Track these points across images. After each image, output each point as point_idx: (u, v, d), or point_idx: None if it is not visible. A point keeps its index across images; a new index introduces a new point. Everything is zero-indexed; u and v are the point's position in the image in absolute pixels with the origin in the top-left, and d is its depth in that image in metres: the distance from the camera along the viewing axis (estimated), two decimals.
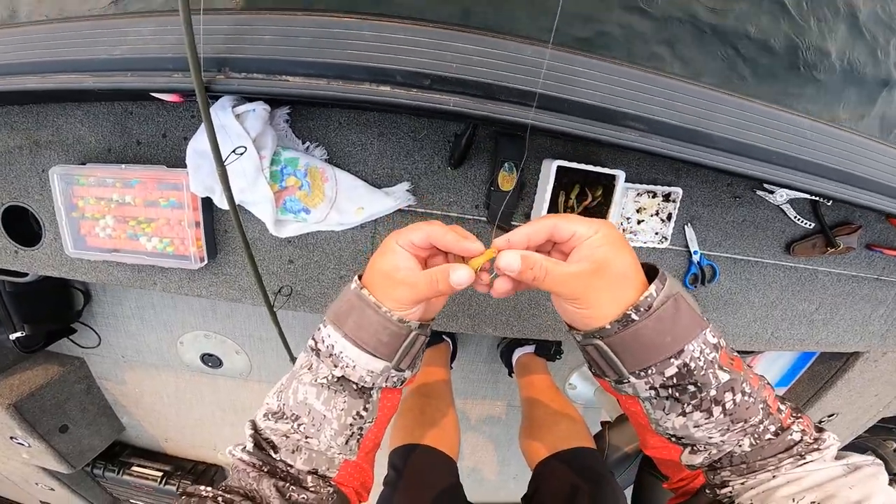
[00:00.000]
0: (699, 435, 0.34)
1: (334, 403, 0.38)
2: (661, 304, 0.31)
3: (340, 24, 0.38)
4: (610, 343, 0.33)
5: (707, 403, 0.32)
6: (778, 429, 0.34)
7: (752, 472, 0.33)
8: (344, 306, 0.37)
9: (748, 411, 0.33)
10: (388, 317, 0.36)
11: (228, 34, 0.40)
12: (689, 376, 0.31)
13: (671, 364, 0.31)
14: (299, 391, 0.38)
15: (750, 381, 0.33)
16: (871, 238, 0.82)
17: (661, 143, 0.42)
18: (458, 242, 0.36)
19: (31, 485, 1.60)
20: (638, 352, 0.32)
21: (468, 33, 0.38)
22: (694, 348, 0.31)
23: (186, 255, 0.72)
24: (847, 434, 1.30)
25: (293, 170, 0.65)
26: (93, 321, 1.37)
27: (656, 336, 0.31)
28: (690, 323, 0.32)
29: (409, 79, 0.38)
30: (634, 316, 0.31)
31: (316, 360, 0.38)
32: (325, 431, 0.38)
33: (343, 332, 0.36)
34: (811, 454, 0.33)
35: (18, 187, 0.75)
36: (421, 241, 0.37)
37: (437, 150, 0.66)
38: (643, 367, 0.32)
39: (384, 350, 0.36)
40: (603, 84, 0.40)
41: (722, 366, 0.32)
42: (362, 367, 0.37)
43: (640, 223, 0.71)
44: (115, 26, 0.42)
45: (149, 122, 0.67)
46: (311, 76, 0.39)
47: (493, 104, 0.39)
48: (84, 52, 0.42)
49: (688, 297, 0.33)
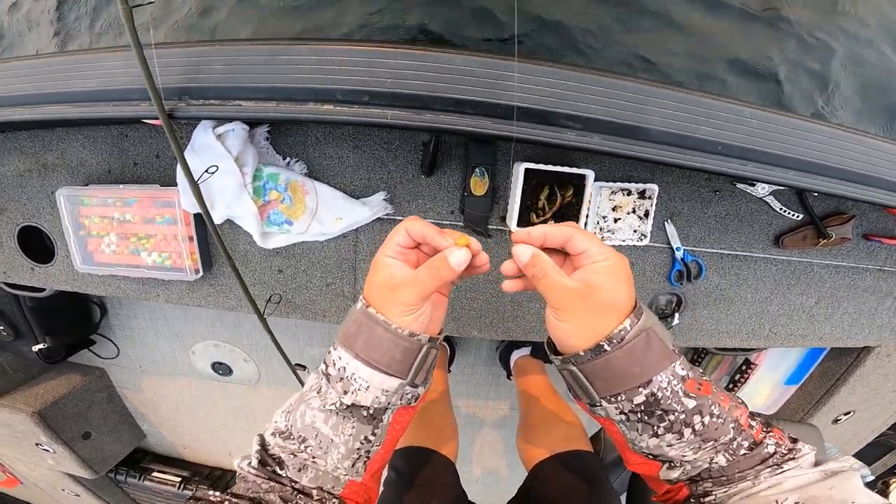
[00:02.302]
0: (673, 454, 0.36)
1: (342, 429, 0.38)
2: (634, 338, 0.33)
3: (284, 51, 0.40)
4: (583, 369, 0.35)
5: (678, 426, 0.34)
6: (751, 444, 0.35)
7: (732, 482, 0.35)
8: (352, 327, 0.37)
9: (717, 431, 0.35)
10: (398, 333, 0.36)
11: (184, 65, 0.43)
12: (656, 404, 0.34)
13: (640, 392, 0.34)
14: (307, 414, 0.38)
15: (719, 403, 0.35)
16: (868, 227, 0.79)
17: (598, 141, 0.43)
18: (434, 236, 0.38)
19: (58, 491, 1.69)
20: (609, 379, 0.34)
21: (397, 49, 0.40)
22: (662, 379, 0.33)
23: (182, 268, 0.76)
24: (868, 432, 1.24)
25: (275, 184, 0.69)
26: (111, 333, 1.44)
27: (626, 367, 0.34)
28: (660, 356, 0.34)
29: (349, 96, 0.41)
30: (606, 346, 0.34)
31: (326, 384, 0.38)
32: (332, 454, 0.38)
33: (354, 352, 0.36)
34: (787, 463, 0.34)
35: (31, 208, 0.81)
36: (404, 240, 0.38)
37: (410, 159, 0.68)
38: (613, 394, 0.35)
39: (397, 367, 0.37)
40: (532, 86, 0.41)
41: (688, 393, 0.34)
42: (376, 386, 0.36)
43: (617, 221, 0.71)
44: (89, 61, 0.46)
45: (143, 143, 0.72)
46: (260, 100, 0.42)
47: (431, 114, 0.41)
48: (63, 85, 0.46)
49: (661, 331, 0.35)
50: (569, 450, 0.88)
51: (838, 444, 1.23)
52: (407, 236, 0.38)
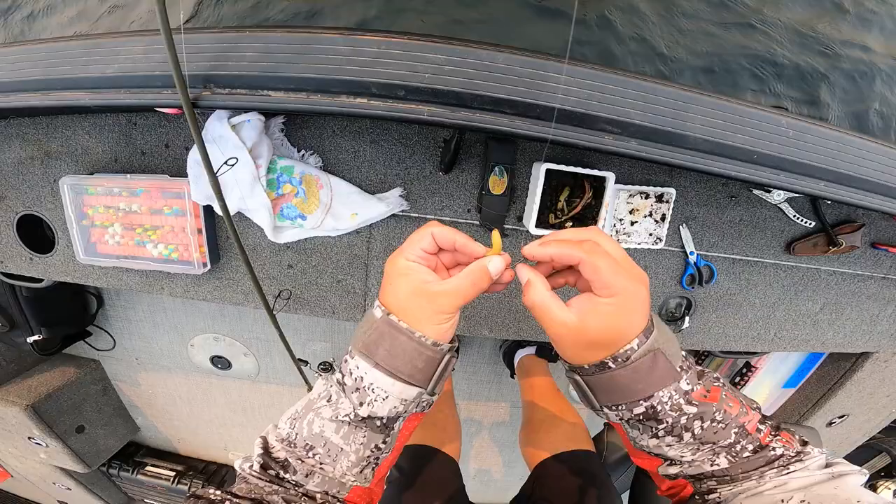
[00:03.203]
0: (672, 453, 0.37)
1: (353, 438, 0.37)
2: (640, 358, 0.33)
3: (318, 40, 0.39)
4: (586, 380, 0.36)
5: (678, 430, 0.35)
6: (756, 447, 0.35)
7: (736, 482, 0.36)
8: (373, 335, 0.36)
9: (717, 435, 0.35)
10: (422, 342, 0.35)
11: (212, 52, 0.41)
12: (655, 416, 0.34)
13: (640, 404, 0.34)
14: (315, 423, 0.37)
15: (725, 410, 0.35)
16: (876, 236, 0.80)
17: (636, 146, 0.42)
18: (467, 242, 0.37)
19: (49, 484, 1.66)
20: (611, 392, 0.35)
21: (437, 43, 0.39)
22: (664, 394, 0.33)
23: (190, 260, 0.74)
24: (860, 435, 1.27)
25: (289, 177, 0.67)
26: (107, 324, 1.41)
27: (630, 383, 0.33)
28: (665, 375, 0.33)
29: (384, 90, 0.39)
30: (611, 364, 0.33)
31: (339, 393, 0.37)
32: (342, 462, 0.38)
33: (374, 361, 0.35)
34: (794, 465, 0.35)
35: (32, 197, 0.78)
36: (430, 246, 0.37)
37: (428, 155, 0.67)
38: (614, 404, 0.35)
39: (420, 376, 0.36)
40: (575, 89, 0.41)
41: (692, 401, 0.34)
42: (396, 396, 0.36)
43: (634, 224, 0.71)
44: (109, 45, 0.44)
45: (152, 132, 0.70)
46: (291, 90, 0.40)
47: (467, 112, 0.40)
48: (80, 70, 0.44)
49: (670, 348, 0.34)
50: (571, 449, 0.88)
51: (830, 447, 1.26)
52: (433, 242, 0.37)
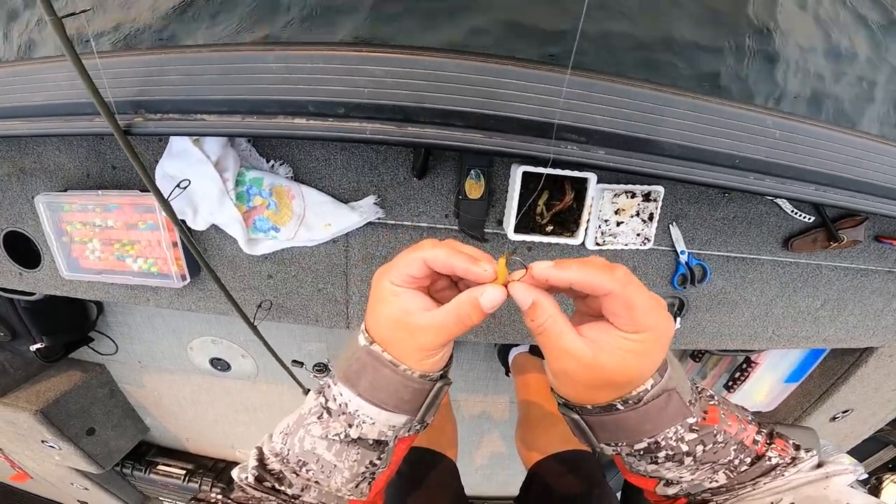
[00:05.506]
0: (670, 475, 0.35)
1: (346, 455, 0.35)
2: (653, 398, 0.30)
3: (246, 58, 0.36)
4: (586, 419, 0.32)
5: (679, 457, 0.33)
6: (753, 459, 0.35)
7: (731, 491, 0.35)
8: (354, 365, 0.33)
9: (717, 455, 0.33)
10: (407, 375, 0.32)
11: (136, 76, 0.39)
12: (657, 450, 0.32)
13: (642, 441, 0.31)
14: (306, 440, 0.35)
15: (726, 430, 0.34)
16: (880, 229, 0.76)
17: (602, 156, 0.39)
18: (468, 268, 0.30)
19: (68, 485, 1.73)
20: (614, 432, 0.32)
21: (376, 54, 0.35)
22: (670, 431, 0.31)
23: (169, 274, 0.74)
24: (865, 429, 1.24)
25: (259, 189, 0.65)
26: (108, 330, 1.44)
27: (637, 424, 0.31)
28: (676, 414, 0.31)
29: (323, 108, 0.36)
30: (620, 406, 0.30)
31: (327, 415, 0.34)
32: (336, 478, 0.36)
33: (357, 391, 0.32)
34: (788, 469, 0.34)
35: (13, 213, 0.78)
36: (420, 272, 0.31)
37: (401, 161, 0.64)
38: (615, 441, 0.32)
39: (406, 406, 0.33)
40: (522, 94, 0.37)
41: (693, 427, 0.32)
42: (383, 423, 0.33)
43: (620, 225, 0.68)
44: (31, 72, 0.41)
45: (120, 148, 0.68)
46: (224, 113, 0.38)
47: (415, 127, 0.37)
48: (5, 99, 0.41)
49: (683, 385, 0.31)
50: (567, 449, 0.88)
51: (835, 441, 1.23)
52: (423, 268, 0.30)
